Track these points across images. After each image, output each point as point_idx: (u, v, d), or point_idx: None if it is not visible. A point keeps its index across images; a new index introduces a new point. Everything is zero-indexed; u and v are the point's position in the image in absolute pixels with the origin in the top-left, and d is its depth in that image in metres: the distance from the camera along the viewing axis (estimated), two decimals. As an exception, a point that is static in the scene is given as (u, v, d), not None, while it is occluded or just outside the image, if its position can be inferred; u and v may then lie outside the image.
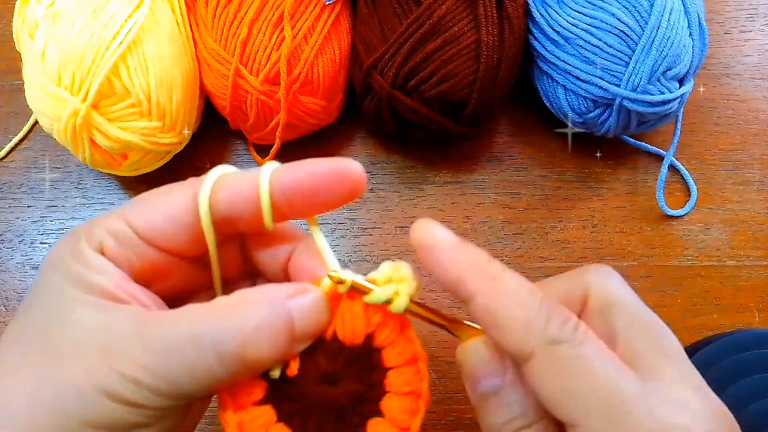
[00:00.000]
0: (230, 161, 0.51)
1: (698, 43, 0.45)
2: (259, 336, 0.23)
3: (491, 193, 0.50)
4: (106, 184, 0.51)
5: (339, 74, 0.48)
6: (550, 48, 0.46)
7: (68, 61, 0.42)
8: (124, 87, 0.43)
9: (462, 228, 0.49)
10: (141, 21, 0.43)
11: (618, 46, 0.44)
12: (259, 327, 0.23)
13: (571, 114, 0.47)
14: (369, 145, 0.52)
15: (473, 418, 0.43)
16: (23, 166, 0.52)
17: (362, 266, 0.48)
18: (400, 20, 0.45)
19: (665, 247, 0.48)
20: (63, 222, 0.50)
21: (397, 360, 0.26)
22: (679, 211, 0.49)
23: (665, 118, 0.47)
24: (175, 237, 0.26)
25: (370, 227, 0.49)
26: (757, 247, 0.48)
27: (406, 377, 0.26)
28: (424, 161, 0.51)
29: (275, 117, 0.46)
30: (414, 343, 0.27)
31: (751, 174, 0.51)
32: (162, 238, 0.26)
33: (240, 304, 0.24)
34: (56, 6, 0.43)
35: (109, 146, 0.44)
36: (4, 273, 0.48)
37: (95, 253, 0.25)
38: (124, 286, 0.25)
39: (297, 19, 0.45)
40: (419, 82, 0.44)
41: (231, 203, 0.26)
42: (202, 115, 0.50)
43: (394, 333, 0.26)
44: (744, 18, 0.56)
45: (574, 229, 0.49)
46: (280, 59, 0.44)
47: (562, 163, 0.51)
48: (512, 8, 0.45)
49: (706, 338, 0.43)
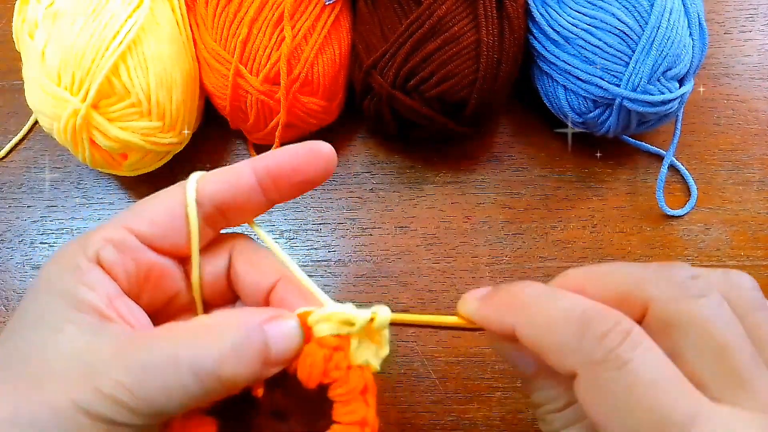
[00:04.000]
0: (230, 161, 0.51)
1: (698, 43, 0.45)
2: (236, 357, 0.24)
3: (491, 193, 0.50)
4: (106, 184, 0.51)
5: (339, 74, 0.48)
6: (550, 48, 0.46)
7: (68, 61, 0.42)
8: (124, 87, 0.43)
9: (462, 228, 0.49)
10: (141, 21, 0.43)
11: (618, 46, 0.44)
12: (235, 348, 0.24)
13: (571, 114, 0.47)
14: (369, 145, 0.52)
15: (473, 418, 0.43)
16: (23, 166, 0.52)
17: (362, 266, 0.48)
18: (400, 20, 0.45)
19: (665, 247, 0.48)
20: (63, 222, 0.50)
21: (344, 418, 0.26)
22: (679, 211, 0.49)
23: (665, 118, 0.47)
24: (174, 232, 0.27)
25: (370, 227, 0.49)
26: (757, 247, 0.48)
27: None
28: (424, 161, 0.51)
29: (275, 117, 0.46)
30: (369, 408, 0.27)
31: (751, 174, 0.51)
32: (162, 237, 0.27)
33: (218, 325, 0.25)
34: (56, 6, 0.43)
35: (109, 146, 0.44)
36: (4, 273, 0.48)
37: (91, 264, 0.26)
38: (114, 303, 0.26)
39: (297, 19, 0.45)
40: (419, 82, 0.44)
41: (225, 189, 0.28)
42: (202, 115, 0.50)
43: (351, 391, 0.27)
44: (744, 18, 0.56)
45: (574, 229, 0.49)
46: (280, 59, 0.44)
47: (562, 163, 0.51)
48: (512, 8, 0.45)
49: (706, 338, 0.43)
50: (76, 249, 0.26)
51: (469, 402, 0.44)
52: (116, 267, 0.26)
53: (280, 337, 0.26)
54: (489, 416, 0.43)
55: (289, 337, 0.26)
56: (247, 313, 0.26)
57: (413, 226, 0.49)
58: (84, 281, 0.25)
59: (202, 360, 0.23)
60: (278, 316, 0.26)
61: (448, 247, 0.48)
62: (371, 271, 0.47)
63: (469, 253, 0.48)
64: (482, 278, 0.47)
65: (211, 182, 0.28)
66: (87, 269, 0.25)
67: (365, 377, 0.27)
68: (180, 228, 0.27)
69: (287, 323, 0.26)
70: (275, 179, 0.28)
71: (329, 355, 0.26)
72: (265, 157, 0.28)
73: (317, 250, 0.48)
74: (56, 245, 0.49)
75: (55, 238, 0.49)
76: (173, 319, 0.29)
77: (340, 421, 0.26)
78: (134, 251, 0.27)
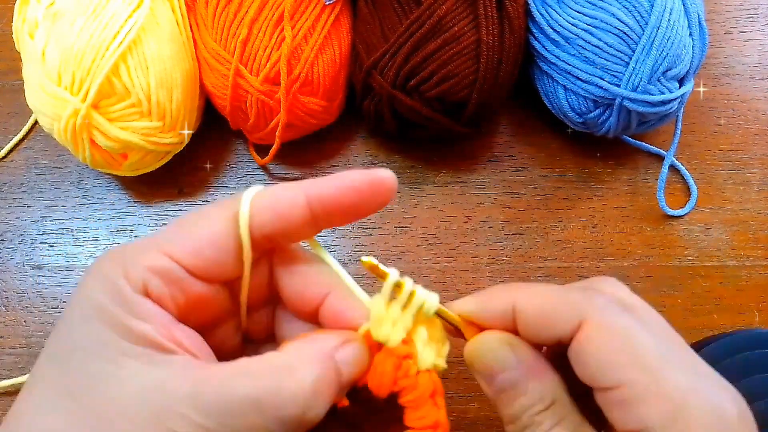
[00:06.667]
0: (230, 161, 0.51)
1: (698, 43, 0.45)
2: (317, 397, 0.24)
3: (491, 193, 0.50)
4: (106, 184, 0.51)
5: (339, 74, 0.48)
6: (550, 48, 0.46)
7: (68, 61, 0.42)
8: (124, 87, 0.43)
9: (462, 228, 0.49)
10: (141, 21, 0.43)
11: (618, 46, 0.44)
12: (316, 389, 0.24)
13: (571, 114, 0.47)
14: (369, 145, 0.52)
15: (473, 418, 0.43)
16: (23, 166, 0.52)
17: (362, 266, 0.47)
18: (401, 20, 0.45)
19: (665, 247, 0.48)
20: (63, 222, 0.50)
21: (417, 423, 0.26)
22: (679, 211, 0.49)
23: (665, 118, 0.47)
24: (221, 264, 0.26)
25: (370, 227, 0.49)
26: (758, 247, 0.48)
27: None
28: (424, 161, 0.51)
29: (275, 117, 0.46)
30: (439, 410, 0.27)
31: (751, 174, 0.51)
32: (209, 268, 0.25)
33: (294, 363, 0.24)
34: (56, 6, 0.43)
35: (109, 146, 0.44)
36: (4, 273, 0.48)
37: (139, 296, 0.24)
38: (169, 333, 0.24)
39: (297, 19, 0.45)
40: (419, 82, 0.44)
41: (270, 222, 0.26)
42: (202, 115, 0.50)
43: (420, 396, 0.27)
44: (744, 18, 0.56)
45: (574, 229, 0.49)
46: (280, 59, 0.44)
47: (562, 163, 0.51)
48: (512, 8, 0.45)
49: (706, 338, 0.43)
50: (117, 273, 0.24)
51: (469, 402, 0.44)
52: (165, 298, 0.24)
53: (350, 362, 0.25)
54: (489, 416, 0.43)
55: (358, 359, 0.26)
56: (319, 345, 0.25)
57: (413, 226, 0.49)
58: (135, 313, 0.23)
59: (288, 408, 0.23)
60: (346, 341, 0.26)
61: (448, 247, 0.48)
62: (371, 271, 0.47)
63: (469, 253, 0.48)
64: (482, 278, 0.47)
65: (261, 211, 0.25)
66: (136, 301, 0.23)
67: (433, 380, 0.27)
68: (227, 257, 0.26)
69: (355, 347, 0.26)
70: (329, 212, 0.26)
71: (398, 364, 0.26)
72: (321, 187, 0.26)
73: (317, 250, 0.48)
74: (56, 245, 0.49)
75: (55, 238, 0.49)
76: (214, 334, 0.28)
77: (413, 426, 0.26)
78: (181, 282, 0.25)
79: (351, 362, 0.26)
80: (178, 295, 0.25)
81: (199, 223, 0.26)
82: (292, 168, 0.51)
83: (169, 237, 0.25)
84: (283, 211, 0.25)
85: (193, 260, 0.25)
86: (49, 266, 0.48)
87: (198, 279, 0.25)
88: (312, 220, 0.26)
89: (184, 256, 0.25)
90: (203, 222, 0.26)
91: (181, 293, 0.25)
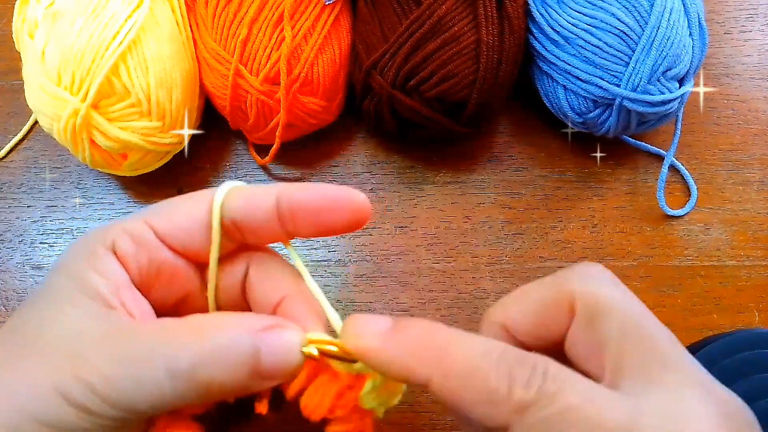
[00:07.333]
0: (230, 161, 0.51)
1: (698, 43, 0.45)
2: (216, 360, 0.23)
3: (491, 193, 0.50)
4: (106, 184, 0.51)
5: (339, 74, 0.48)
6: (550, 48, 0.46)
7: (68, 61, 0.42)
8: (124, 87, 0.43)
9: (462, 228, 0.49)
10: (141, 21, 0.43)
11: (618, 46, 0.44)
12: (218, 351, 0.23)
13: (571, 114, 0.47)
14: (369, 145, 0.52)
15: (473, 418, 0.43)
16: (23, 166, 0.52)
17: (362, 266, 0.48)
18: (400, 20, 0.45)
19: (665, 247, 0.48)
20: (63, 222, 0.50)
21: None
22: (679, 211, 0.49)
23: (665, 118, 0.47)
24: (193, 238, 0.27)
25: (370, 227, 0.49)
26: (757, 247, 0.48)
27: None
28: (424, 161, 0.51)
29: (275, 117, 0.46)
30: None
31: (751, 174, 0.51)
32: (180, 239, 0.27)
33: (208, 324, 0.24)
34: (56, 6, 0.43)
35: (109, 146, 0.44)
36: (4, 273, 0.48)
37: (107, 251, 0.26)
38: (118, 291, 0.25)
39: (297, 19, 0.45)
40: (419, 82, 0.44)
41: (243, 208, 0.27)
42: (202, 115, 0.50)
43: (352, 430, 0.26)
44: (744, 18, 0.56)
45: (574, 229, 0.49)
46: (280, 59, 0.44)
47: (562, 163, 0.51)
48: (512, 8, 0.45)
49: (706, 338, 0.43)
50: (96, 236, 0.26)
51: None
52: (129, 257, 0.26)
53: (276, 349, 0.24)
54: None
55: (287, 351, 0.24)
56: (246, 318, 0.24)
57: (413, 226, 0.49)
58: (95, 267, 0.25)
59: (178, 358, 0.22)
60: (279, 326, 0.24)
61: (448, 247, 0.48)
62: (371, 271, 0.47)
63: (469, 253, 0.48)
64: (482, 278, 0.47)
65: (234, 199, 0.27)
66: (101, 255, 0.25)
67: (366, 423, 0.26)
68: (199, 234, 0.27)
69: (287, 335, 0.24)
70: (294, 214, 0.26)
71: (342, 392, 0.25)
72: (294, 189, 0.27)
73: (317, 250, 0.48)
74: (56, 245, 0.49)
75: (55, 238, 0.49)
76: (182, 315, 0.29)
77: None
78: (150, 245, 0.27)
79: (277, 351, 0.24)
80: (144, 258, 0.26)
81: (182, 201, 0.28)
82: (292, 168, 0.51)
83: (153, 208, 0.28)
84: (253, 201, 0.27)
85: (165, 226, 0.27)
86: (49, 266, 0.48)
87: (168, 248, 0.27)
88: (279, 217, 0.27)
89: (159, 223, 0.27)
90: (187, 200, 0.28)
91: (146, 256, 0.26)
